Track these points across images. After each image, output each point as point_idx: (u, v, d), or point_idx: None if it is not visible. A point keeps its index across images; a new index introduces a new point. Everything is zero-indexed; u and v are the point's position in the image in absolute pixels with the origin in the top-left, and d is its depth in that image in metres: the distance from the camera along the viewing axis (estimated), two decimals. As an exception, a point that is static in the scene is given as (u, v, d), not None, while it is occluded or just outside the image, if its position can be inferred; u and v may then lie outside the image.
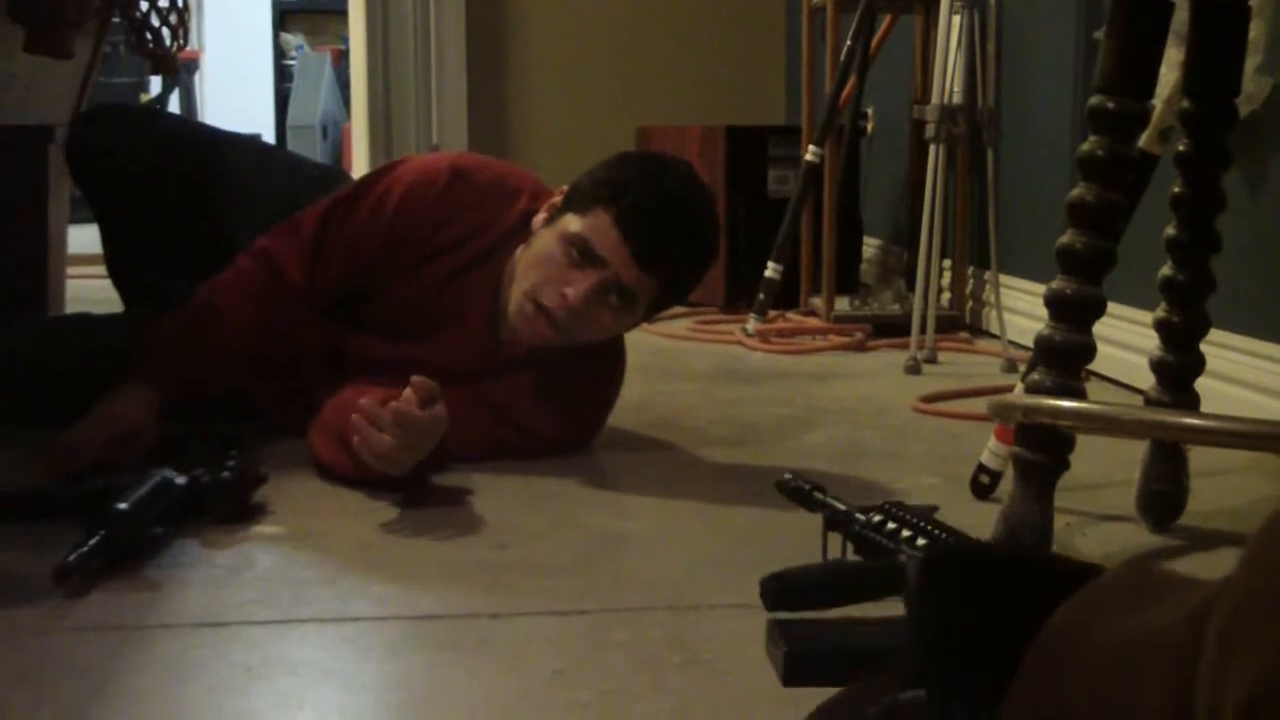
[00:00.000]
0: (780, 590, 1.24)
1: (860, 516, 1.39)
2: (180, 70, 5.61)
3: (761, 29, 5.50)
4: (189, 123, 3.77)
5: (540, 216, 2.17)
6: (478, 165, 2.27)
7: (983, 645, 0.84)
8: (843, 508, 1.42)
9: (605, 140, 4.24)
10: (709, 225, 2.17)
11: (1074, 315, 1.69)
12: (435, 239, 2.19)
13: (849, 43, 3.64)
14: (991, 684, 0.80)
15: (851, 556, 1.44)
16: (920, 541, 1.30)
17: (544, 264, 2.09)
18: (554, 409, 2.20)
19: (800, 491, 1.49)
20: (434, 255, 2.19)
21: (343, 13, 6.33)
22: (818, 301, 3.77)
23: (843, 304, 3.74)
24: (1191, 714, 0.62)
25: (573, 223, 2.09)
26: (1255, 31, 2.21)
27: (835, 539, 1.44)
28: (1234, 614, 0.60)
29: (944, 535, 1.35)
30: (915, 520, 1.33)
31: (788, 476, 1.51)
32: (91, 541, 1.58)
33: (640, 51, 5.45)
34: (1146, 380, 1.92)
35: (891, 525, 1.34)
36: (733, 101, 5.35)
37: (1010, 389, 2.17)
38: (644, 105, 5.24)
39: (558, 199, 2.17)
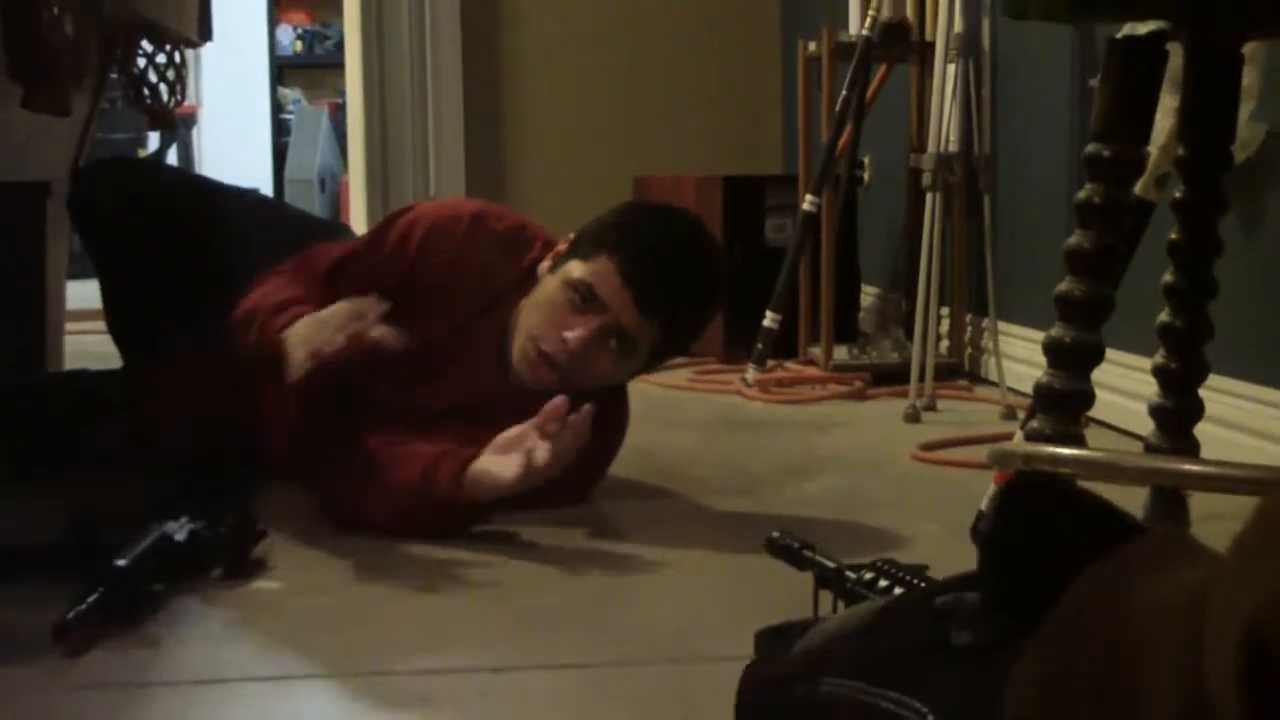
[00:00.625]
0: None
1: (851, 575, 1.38)
2: (178, 125, 5.64)
3: (758, 79, 5.52)
4: (191, 176, 3.79)
5: (545, 263, 2.18)
6: (498, 215, 2.29)
7: (1040, 572, 0.85)
8: (833, 565, 1.42)
9: (603, 190, 4.25)
10: (712, 274, 2.19)
11: (1073, 362, 1.69)
12: (449, 282, 2.21)
13: (845, 92, 3.65)
14: (1037, 610, 0.82)
15: None
16: None
17: (546, 308, 2.11)
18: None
19: (789, 550, 1.49)
20: (445, 299, 2.20)
21: (340, 67, 6.36)
22: (816, 351, 3.77)
23: (841, 353, 3.73)
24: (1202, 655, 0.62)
25: (576, 268, 2.11)
26: (1249, 78, 2.22)
27: (826, 597, 1.44)
28: (1244, 545, 0.61)
29: None
30: (907, 577, 1.33)
31: (775, 535, 1.51)
32: (90, 599, 1.57)
33: (637, 102, 5.47)
34: (1146, 426, 1.92)
35: (884, 583, 1.34)
36: (730, 151, 5.36)
37: (1010, 436, 2.17)
38: (641, 155, 5.26)
39: (563, 246, 2.19)
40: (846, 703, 0.98)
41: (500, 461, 1.98)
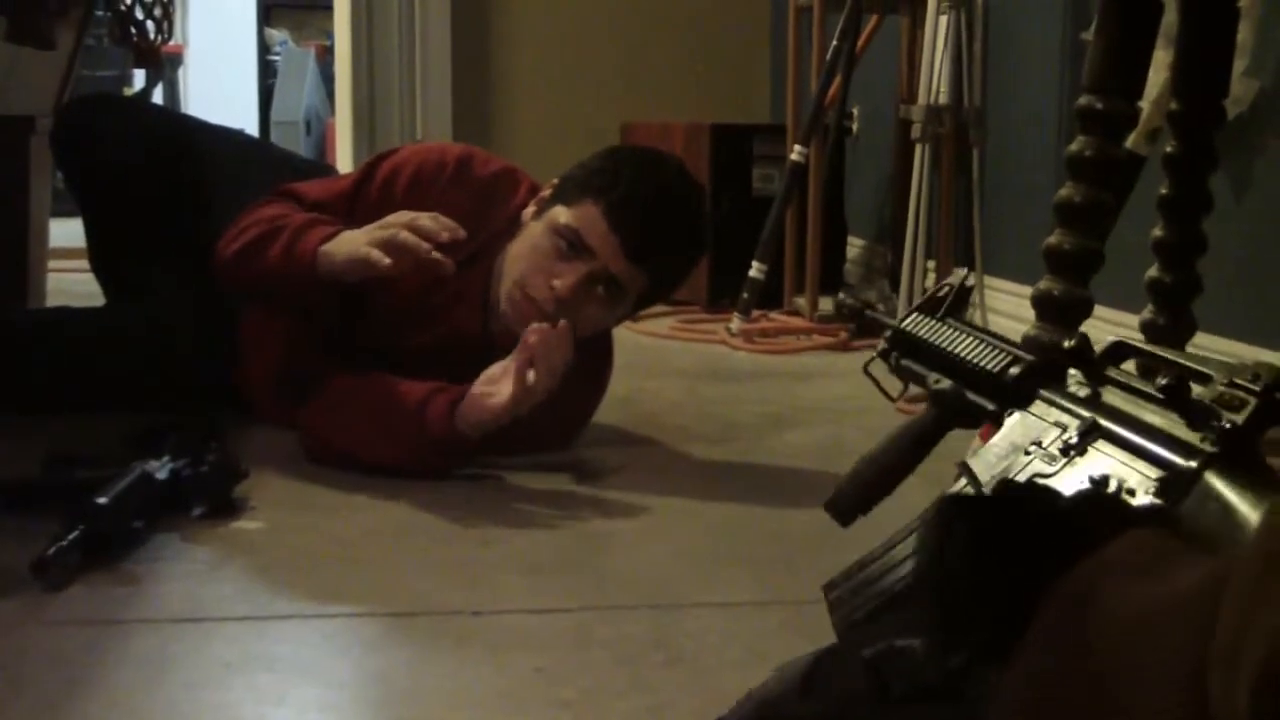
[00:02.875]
0: (840, 510, 1.24)
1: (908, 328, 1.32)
2: (164, 64, 5.59)
3: (748, 27, 5.49)
4: (176, 115, 3.76)
5: (530, 209, 2.17)
6: (483, 160, 2.28)
7: (990, 597, 0.83)
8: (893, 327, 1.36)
9: (590, 136, 4.22)
10: (699, 220, 2.18)
11: (1060, 316, 1.69)
12: None
13: (835, 42, 3.63)
14: (994, 637, 0.80)
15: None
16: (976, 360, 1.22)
17: (532, 255, 2.10)
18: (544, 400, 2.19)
19: (855, 310, 1.48)
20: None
21: (328, 8, 6.30)
22: (801, 301, 3.76)
23: (826, 303, 3.73)
24: (1208, 673, 0.62)
25: (562, 214, 2.09)
26: (1243, 34, 2.21)
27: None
28: (1256, 575, 0.60)
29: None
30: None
31: (841, 296, 1.51)
32: (71, 535, 1.57)
33: (626, 47, 5.43)
34: (1131, 382, 1.92)
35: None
36: (718, 99, 5.33)
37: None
38: (629, 101, 5.22)
39: (547, 191, 2.17)
40: None
41: (490, 390, 1.98)
